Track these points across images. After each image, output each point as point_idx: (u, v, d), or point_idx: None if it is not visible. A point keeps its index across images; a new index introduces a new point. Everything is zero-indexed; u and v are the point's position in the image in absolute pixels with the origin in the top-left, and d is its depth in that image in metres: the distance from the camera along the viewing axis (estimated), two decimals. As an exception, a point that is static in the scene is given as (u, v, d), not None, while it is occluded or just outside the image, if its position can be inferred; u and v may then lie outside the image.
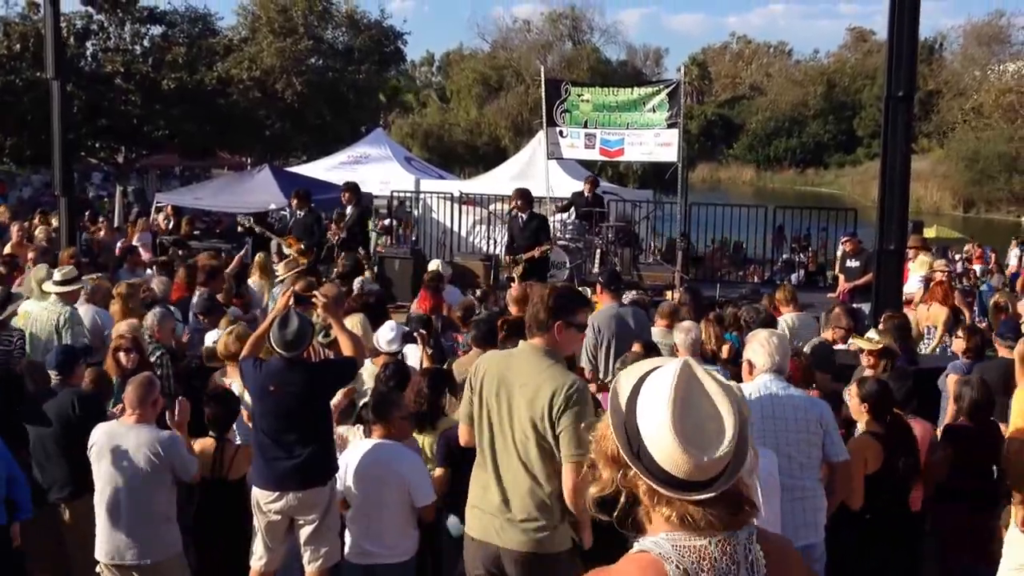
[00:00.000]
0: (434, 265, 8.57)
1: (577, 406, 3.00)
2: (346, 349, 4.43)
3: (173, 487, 4.07)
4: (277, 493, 4.10)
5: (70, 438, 4.27)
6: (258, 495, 4.15)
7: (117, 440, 3.98)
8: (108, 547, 4.02)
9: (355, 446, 4.18)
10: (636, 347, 5.14)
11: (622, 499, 1.50)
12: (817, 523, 3.61)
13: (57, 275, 6.16)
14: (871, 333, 5.41)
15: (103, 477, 3.99)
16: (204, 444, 4.38)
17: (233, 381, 4.88)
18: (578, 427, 2.94)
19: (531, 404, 3.05)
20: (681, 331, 5.07)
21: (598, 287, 6.46)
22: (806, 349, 5.64)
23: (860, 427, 4.24)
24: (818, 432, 3.59)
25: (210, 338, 5.47)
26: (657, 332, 6.06)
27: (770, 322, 6.07)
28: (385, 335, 5.35)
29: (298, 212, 10.42)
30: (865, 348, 5.10)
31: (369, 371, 5.23)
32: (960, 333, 5.92)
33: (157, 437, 4.00)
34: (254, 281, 8.37)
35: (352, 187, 10.60)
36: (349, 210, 10.45)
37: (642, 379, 1.51)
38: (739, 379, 3.81)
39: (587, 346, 5.84)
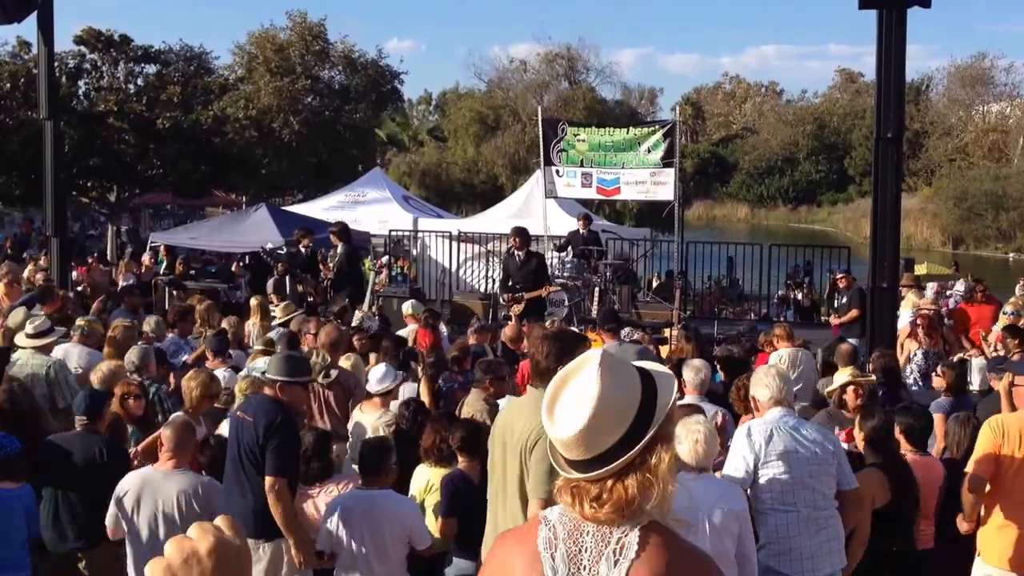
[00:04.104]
0: (408, 308, 8.53)
1: (544, 443, 3.03)
2: None
3: None
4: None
5: (94, 485, 4.12)
6: None
7: (155, 487, 3.82)
8: None
9: (348, 497, 4.05)
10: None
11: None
12: (840, 550, 3.73)
13: (29, 327, 5.93)
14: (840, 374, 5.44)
15: (140, 526, 3.81)
16: None
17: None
18: (544, 465, 2.90)
19: (514, 447, 3.08)
20: (691, 370, 5.08)
21: (597, 329, 6.49)
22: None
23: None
24: (833, 462, 3.69)
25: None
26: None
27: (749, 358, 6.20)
28: (375, 374, 5.31)
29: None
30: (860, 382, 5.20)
31: (357, 418, 5.19)
32: (939, 371, 5.83)
33: (198, 482, 3.86)
34: (253, 323, 8.22)
35: (340, 227, 10.51)
36: (339, 249, 10.34)
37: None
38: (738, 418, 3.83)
39: None
